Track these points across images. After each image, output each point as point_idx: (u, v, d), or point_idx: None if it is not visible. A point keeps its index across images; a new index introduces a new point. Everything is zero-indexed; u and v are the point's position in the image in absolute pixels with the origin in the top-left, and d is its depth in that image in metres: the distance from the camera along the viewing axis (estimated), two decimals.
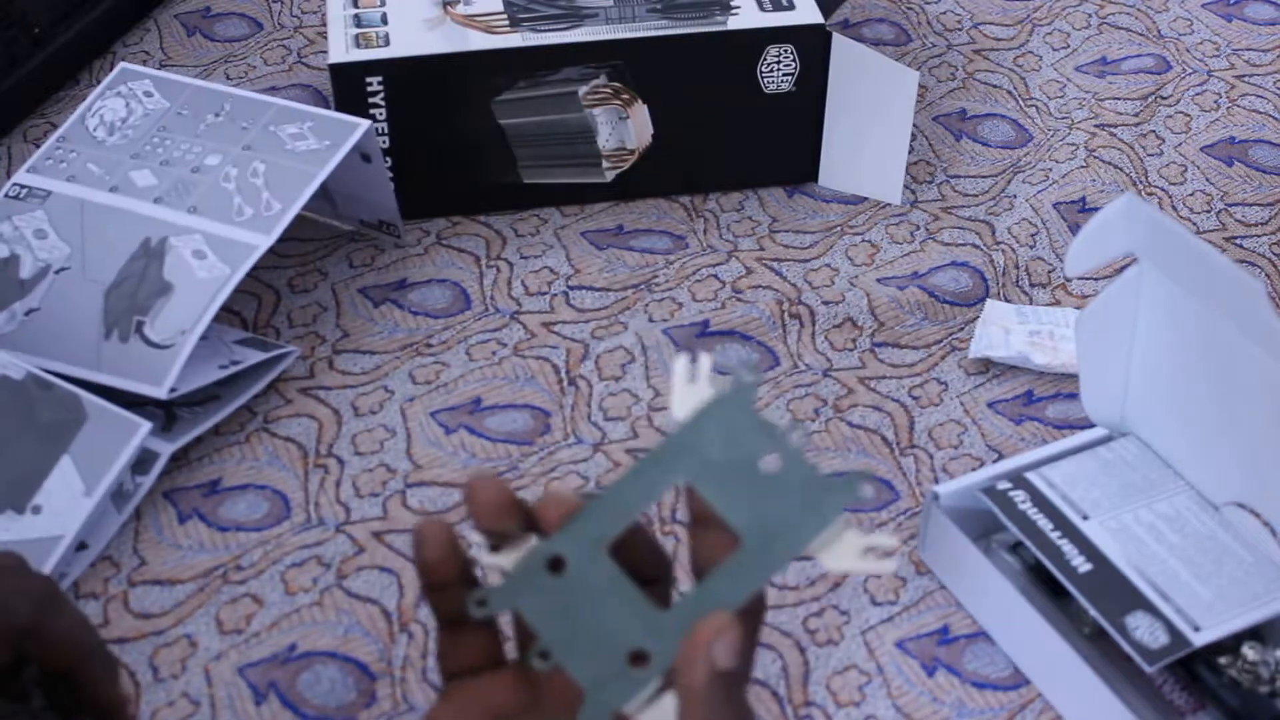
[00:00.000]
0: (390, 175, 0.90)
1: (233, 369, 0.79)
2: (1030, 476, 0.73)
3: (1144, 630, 0.65)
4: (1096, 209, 0.96)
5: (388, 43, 0.90)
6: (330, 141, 0.85)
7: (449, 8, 0.93)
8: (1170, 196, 0.97)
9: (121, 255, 0.81)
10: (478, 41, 0.90)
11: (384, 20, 0.92)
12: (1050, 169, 0.99)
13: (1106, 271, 0.91)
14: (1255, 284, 0.63)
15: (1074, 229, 0.94)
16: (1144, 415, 0.75)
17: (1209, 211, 0.96)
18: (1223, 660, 0.66)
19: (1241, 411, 0.70)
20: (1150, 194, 0.97)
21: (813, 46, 0.92)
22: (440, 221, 0.94)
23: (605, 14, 0.92)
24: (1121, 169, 0.99)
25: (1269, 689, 0.66)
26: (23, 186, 0.85)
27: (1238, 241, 0.94)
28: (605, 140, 0.93)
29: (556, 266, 0.91)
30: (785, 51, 0.92)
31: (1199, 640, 0.65)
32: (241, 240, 0.81)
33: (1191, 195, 0.97)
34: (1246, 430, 0.70)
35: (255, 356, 0.80)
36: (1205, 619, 0.66)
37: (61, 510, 0.73)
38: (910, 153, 0.97)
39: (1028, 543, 0.70)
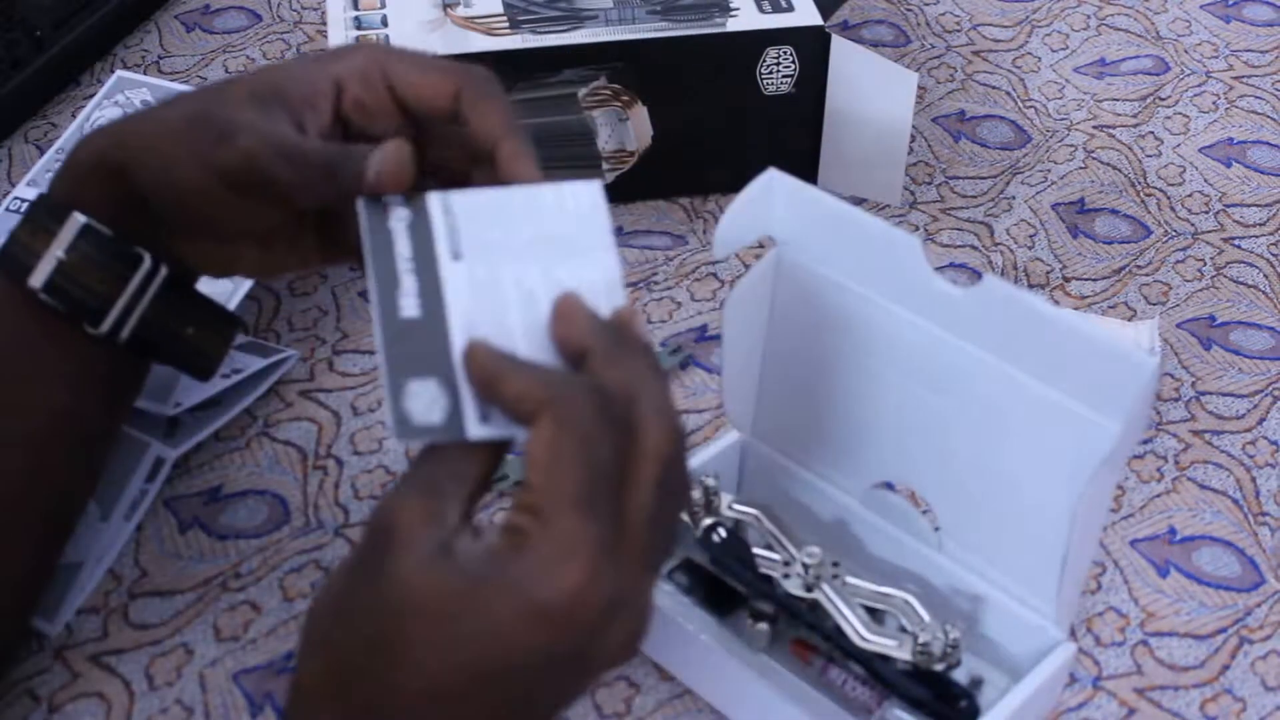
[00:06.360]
0: None
1: (235, 378, 0.79)
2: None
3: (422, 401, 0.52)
4: (1096, 210, 0.96)
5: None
6: None
7: (449, 10, 0.93)
8: (1169, 197, 0.97)
9: None
10: (478, 43, 0.90)
11: (384, 22, 0.92)
12: (1049, 170, 0.99)
13: (1104, 271, 0.91)
14: (912, 239, 0.62)
15: (1073, 230, 0.94)
16: (772, 415, 0.73)
17: (1207, 212, 0.96)
18: (891, 642, 0.66)
19: (889, 389, 0.67)
20: (1149, 195, 0.97)
21: (812, 48, 0.92)
22: None
23: (605, 16, 0.92)
24: (1120, 170, 0.99)
25: (944, 665, 0.65)
26: (22, 200, 0.86)
27: (1236, 242, 0.94)
28: (605, 142, 0.93)
29: None
30: (785, 53, 0.92)
31: (476, 433, 0.51)
32: None
33: (1190, 196, 0.97)
34: (895, 408, 0.68)
35: (256, 363, 0.81)
36: None
37: (79, 537, 0.72)
38: (909, 154, 0.97)
39: None
